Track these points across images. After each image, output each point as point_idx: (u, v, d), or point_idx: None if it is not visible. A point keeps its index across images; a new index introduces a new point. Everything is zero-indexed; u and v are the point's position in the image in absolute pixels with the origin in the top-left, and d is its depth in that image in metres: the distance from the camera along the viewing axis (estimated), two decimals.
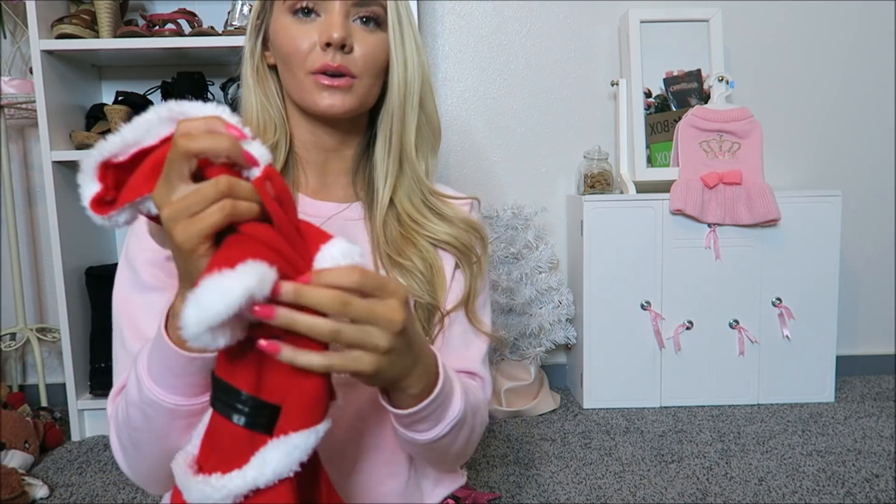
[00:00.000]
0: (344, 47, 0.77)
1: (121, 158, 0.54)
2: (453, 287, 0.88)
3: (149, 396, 0.62)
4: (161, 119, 0.53)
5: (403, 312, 0.56)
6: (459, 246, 0.86)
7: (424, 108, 0.85)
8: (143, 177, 0.53)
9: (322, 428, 0.53)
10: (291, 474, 0.51)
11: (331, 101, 0.78)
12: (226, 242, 0.50)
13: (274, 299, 0.50)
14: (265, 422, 0.51)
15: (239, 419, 0.51)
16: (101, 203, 0.54)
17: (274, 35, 0.82)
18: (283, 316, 0.50)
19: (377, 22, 0.80)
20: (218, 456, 0.52)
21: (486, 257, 0.91)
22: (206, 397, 0.58)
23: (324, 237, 0.55)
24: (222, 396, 0.52)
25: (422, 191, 0.86)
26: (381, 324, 0.55)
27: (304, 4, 0.78)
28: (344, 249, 0.54)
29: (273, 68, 0.86)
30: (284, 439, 0.50)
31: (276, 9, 0.81)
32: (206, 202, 0.50)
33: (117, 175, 0.54)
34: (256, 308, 0.49)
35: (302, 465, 0.54)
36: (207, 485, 0.50)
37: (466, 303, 0.88)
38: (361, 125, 0.88)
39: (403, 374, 0.62)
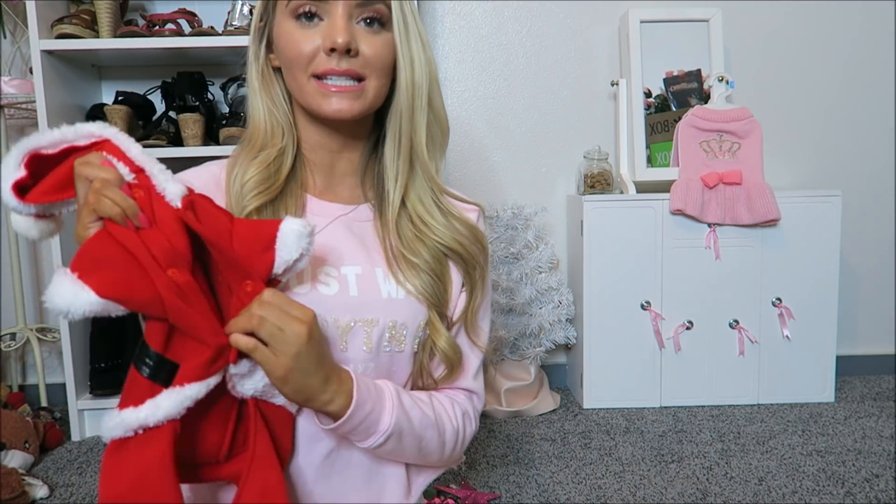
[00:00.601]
0: (349, 51, 0.76)
1: (50, 151, 0.63)
2: (458, 300, 0.88)
3: None
4: (95, 133, 0.64)
5: (308, 330, 0.66)
6: (465, 254, 0.86)
7: (433, 107, 0.84)
8: (60, 181, 0.63)
9: (212, 381, 0.63)
10: (178, 416, 0.60)
11: (339, 105, 0.77)
12: (91, 239, 0.60)
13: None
14: (164, 376, 0.61)
15: (144, 371, 0.61)
16: (17, 188, 0.62)
17: (277, 39, 0.81)
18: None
19: (381, 22, 0.79)
20: (124, 401, 0.61)
21: (488, 268, 0.90)
22: None
23: (275, 223, 0.67)
24: (139, 353, 0.62)
25: (433, 190, 0.85)
26: (288, 332, 0.65)
27: (306, 8, 0.77)
28: (296, 229, 0.66)
29: (278, 70, 0.85)
30: (178, 389, 0.61)
31: (278, 12, 0.80)
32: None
33: (41, 166, 0.63)
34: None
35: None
36: (110, 418, 0.60)
37: (466, 315, 0.87)
38: (368, 125, 0.87)
39: (315, 391, 0.69)
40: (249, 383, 0.68)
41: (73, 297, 0.56)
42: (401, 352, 0.83)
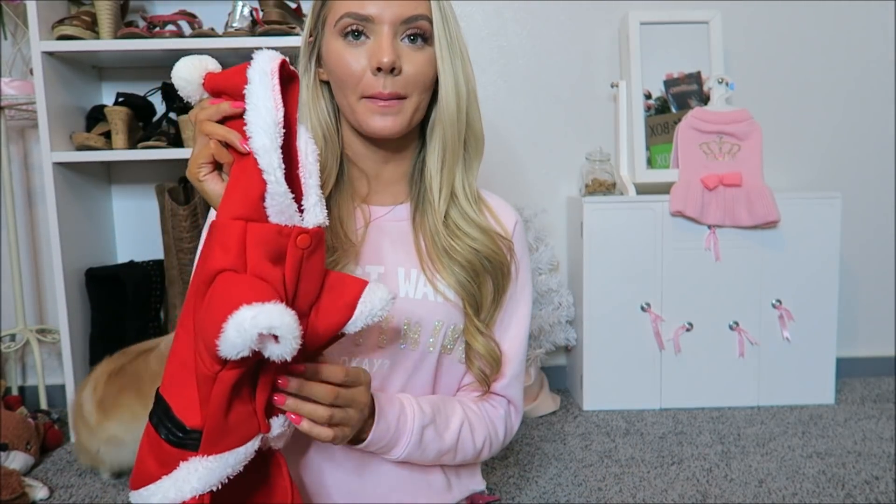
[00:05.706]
0: (393, 70, 0.80)
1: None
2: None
3: None
4: None
5: (368, 395, 0.77)
6: (493, 259, 0.90)
7: (470, 119, 0.89)
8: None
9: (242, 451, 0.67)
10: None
11: (383, 123, 0.82)
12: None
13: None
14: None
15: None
16: None
17: (326, 57, 0.85)
18: (291, 403, 0.69)
19: (424, 37, 0.83)
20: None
21: (514, 277, 0.95)
22: None
23: (361, 283, 0.70)
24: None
25: (469, 198, 0.90)
26: (357, 406, 0.74)
27: (353, 27, 0.81)
28: (383, 298, 0.70)
29: (326, 83, 0.89)
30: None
31: (327, 30, 0.84)
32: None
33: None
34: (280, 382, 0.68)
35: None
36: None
37: (490, 314, 0.93)
38: (412, 136, 0.91)
39: (357, 434, 0.80)
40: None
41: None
42: (415, 350, 0.87)
